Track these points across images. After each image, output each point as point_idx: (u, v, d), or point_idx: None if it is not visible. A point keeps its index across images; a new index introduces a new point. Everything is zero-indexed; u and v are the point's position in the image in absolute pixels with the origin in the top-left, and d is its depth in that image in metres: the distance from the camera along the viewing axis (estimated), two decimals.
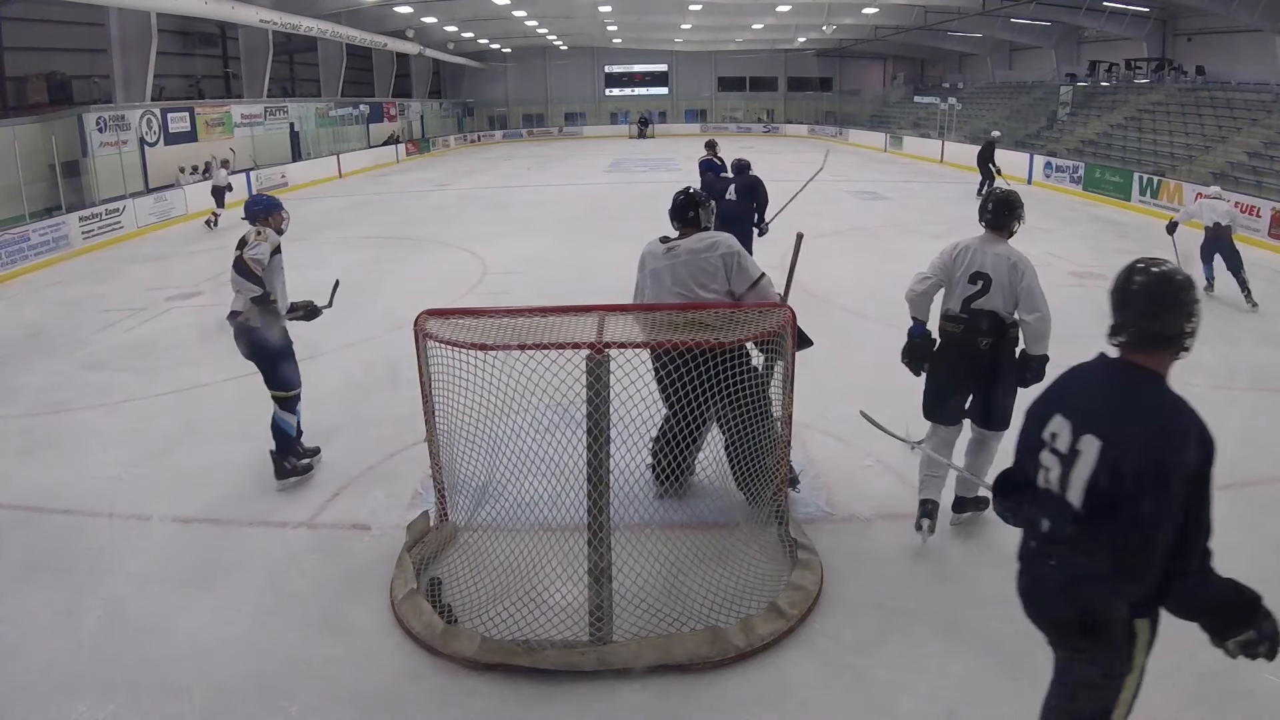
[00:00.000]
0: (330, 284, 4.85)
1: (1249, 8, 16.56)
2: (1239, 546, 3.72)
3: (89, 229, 12.48)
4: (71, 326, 8.05)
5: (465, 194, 18.10)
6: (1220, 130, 16.31)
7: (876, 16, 25.63)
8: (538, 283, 8.81)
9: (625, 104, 40.55)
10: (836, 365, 5.57)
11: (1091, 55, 24.08)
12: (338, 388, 5.90)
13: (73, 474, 4.66)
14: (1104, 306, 1.93)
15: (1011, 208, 3.70)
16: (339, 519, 4.13)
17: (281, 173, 19.66)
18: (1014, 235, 3.75)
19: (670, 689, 2.93)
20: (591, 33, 32.26)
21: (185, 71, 22.79)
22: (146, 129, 16.73)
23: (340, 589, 3.54)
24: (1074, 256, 10.24)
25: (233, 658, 3.11)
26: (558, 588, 3.22)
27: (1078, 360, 2.05)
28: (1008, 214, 3.69)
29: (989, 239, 3.70)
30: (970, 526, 3.96)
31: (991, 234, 3.71)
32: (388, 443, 4.86)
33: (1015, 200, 3.75)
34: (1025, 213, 3.79)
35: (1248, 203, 11.84)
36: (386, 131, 29.21)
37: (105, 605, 3.45)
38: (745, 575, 3.42)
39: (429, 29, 26.96)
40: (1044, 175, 17.82)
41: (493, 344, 3.15)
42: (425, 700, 2.91)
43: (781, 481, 3.69)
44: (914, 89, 34.57)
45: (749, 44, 35.82)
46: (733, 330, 3.28)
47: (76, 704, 2.89)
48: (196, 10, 16.59)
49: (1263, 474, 4.47)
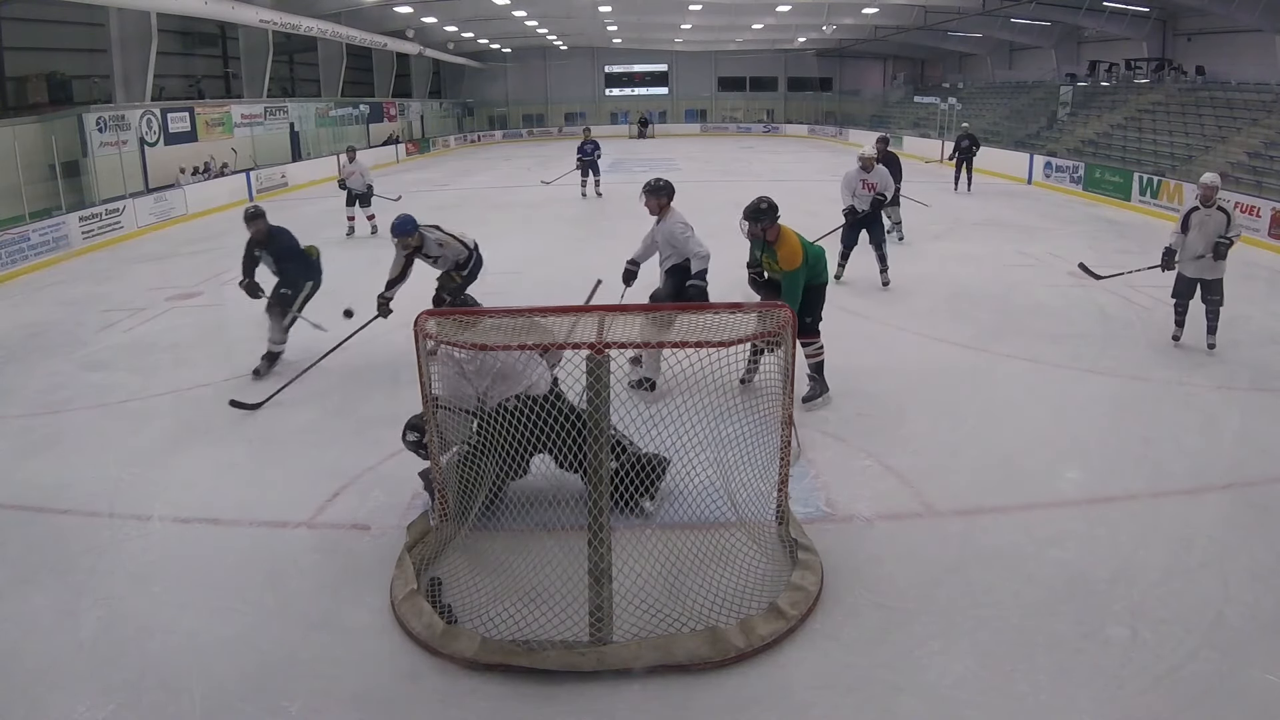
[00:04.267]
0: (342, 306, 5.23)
1: (1249, 8, 16.56)
2: (1239, 546, 3.75)
3: (89, 229, 12.47)
4: (71, 326, 8.04)
5: (465, 194, 18.09)
6: (1220, 130, 16.30)
7: (876, 16, 25.63)
8: (538, 283, 8.81)
9: (625, 104, 40.54)
10: (838, 366, 5.56)
11: (1091, 55, 24.07)
12: (338, 387, 5.90)
13: (73, 474, 4.65)
14: (1104, 307, 1.93)
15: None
16: (339, 519, 4.13)
17: (282, 173, 19.65)
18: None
19: (670, 689, 2.93)
20: (591, 33, 32.26)
21: (185, 71, 22.78)
22: (146, 129, 16.73)
23: (340, 589, 3.53)
24: (1074, 256, 10.21)
25: (233, 658, 3.11)
26: (558, 588, 3.21)
27: (1078, 360, 2.05)
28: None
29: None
30: (970, 526, 3.96)
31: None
32: (388, 443, 4.85)
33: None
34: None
35: (1248, 203, 11.83)
36: (386, 131, 29.21)
37: (105, 605, 3.44)
38: (745, 575, 3.43)
39: (429, 29, 26.96)
40: (1044, 175, 17.81)
41: (493, 344, 3.15)
42: (425, 700, 2.91)
43: (782, 482, 3.69)
44: (914, 89, 34.54)
45: (749, 44, 35.83)
46: (732, 331, 3.27)
47: (76, 704, 2.89)
48: (196, 10, 16.59)
49: (1263, 474, 4.47)
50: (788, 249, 4.99)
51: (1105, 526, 3.94)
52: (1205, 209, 6.27)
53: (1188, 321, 6.47)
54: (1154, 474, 4.47)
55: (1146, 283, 8.60)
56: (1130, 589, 3.43)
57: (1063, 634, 3.15)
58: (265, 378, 5.90)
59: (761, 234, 5.03)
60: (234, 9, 17.27)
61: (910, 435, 4.93)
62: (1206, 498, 4.25)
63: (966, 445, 4.85)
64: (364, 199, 12.34)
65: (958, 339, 6.77)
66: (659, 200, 5.54)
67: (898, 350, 6.51)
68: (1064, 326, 7.01)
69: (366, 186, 12.27)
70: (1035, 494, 4.27)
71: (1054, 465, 4.60)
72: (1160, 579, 3.50)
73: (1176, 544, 3.78)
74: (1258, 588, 3.43)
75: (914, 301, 7.89)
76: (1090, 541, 3.81)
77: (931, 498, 4.22)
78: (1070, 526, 3.95)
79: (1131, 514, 4.07)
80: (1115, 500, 4.20)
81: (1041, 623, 3.22)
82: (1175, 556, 3.69)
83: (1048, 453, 4.74)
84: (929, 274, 8.72)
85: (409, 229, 5.87)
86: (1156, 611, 3.26)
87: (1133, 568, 3.59)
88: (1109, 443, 4.87)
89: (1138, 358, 6.19)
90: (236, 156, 19.56)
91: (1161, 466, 4.56)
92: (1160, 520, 4.01)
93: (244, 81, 22.30)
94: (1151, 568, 3.59)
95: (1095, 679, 2.93)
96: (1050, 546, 3.76)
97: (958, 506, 4.14)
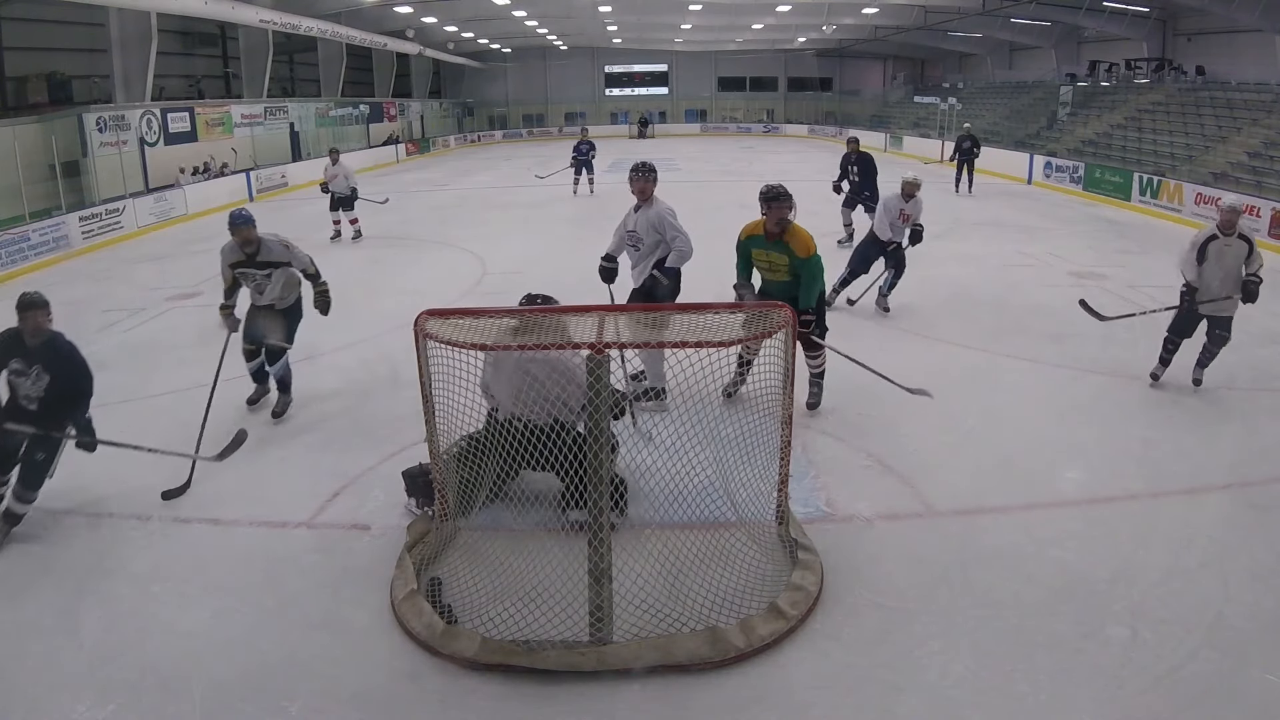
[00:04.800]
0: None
1: (1249, 8, 16.56)
2: (1239, 546, 3.75)
3: (89, 229, 12.47)
4: (71, 326, 7.99)
5: (465, 194, 18.09)
6: (1220, 130, 16.30)
7: (876, 16, 25.63)
8: (538, 283, 8.78)
9: (625, 104, 40.53)
10: (838, 365, 5.56)
11: (1091, 55, 24.08)
12: (338, 387, 5.90)
13: (73, 474, 4.65)
14: (1103, 307, 1.93)
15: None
16: (339, 519, 4.13)
17: (282, 173, 19.65)
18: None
19: (670, 689, 2.93)
20: (591, 33, 32.25)
21: (185, 71, 22.80)
22: (146, 129, 16.73)
23: (340, 589, 3.53)
24: (1074, 256, 10.24)
25: (233, 658, 3.11)
26: (558, 588, 3.21)
27: (1077, 359, 2.05)
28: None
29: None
30: (970, 526, 3.96)
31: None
32: (388, 443, 4.85)
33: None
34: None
35: (1248, 203, 11.83)
36: (386, 131, 29.20)
37: (105, 605, 3.45)
38: (745, 575, 3.43)
39: (429, 29, 26.96)
40: (1044, 175, 17.80)
41: (493, 344, 3.15)
42: (425, 700, 2.91)
43: (782, 482, 3.69)
44: (914, 89, 34.54)
45: (749, 44, 35.82)
46: (732, 331, 3.28)
47: (76, 704, 2.89)
48: (196, 10, 16.59)
49: (1263, 474, 4.47)
50: (800, 238, 4.87)
51: (1105, 527, 3.95)
52: (1225, 237, 5.37)
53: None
54: (1154, 474, 4.47)
55: (1146, 283, 8.62)
56: (1130, 589, 3.43)
57: (1063, 634, 3.16)
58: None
59: (777, 227, 4.83)
60: (234, 9, 17.27)
61: (910, 435, 4.93)
62: (1206, 498, 4.25)
63: (966, 445, 4.85)
64: (346, 202, 11.95)
65: (958, 339, 6.77)
66: (650, 183, 5.23)
67: (898, 350, 6.51)
68: (1064, 326, 7.00)
69: (350, 190, 11.86)
70: (1035, 494, 4.27)
71: (1054, 465, 4.60)
72: (1160, 579, 3.50)
73: (1176, 544, 3.78)
74: (1258, 588, 3.43)
75: (914, 301, 7.88)
76: (1090, 541, 3.81)
77: (931, 498, 4.23)
78: (1070, 526, 3.95)
79: (1131, 514, 4.07)
80: (1115, 500, 4.20)
81: (1041, 623, 3.23)
82: (1175, 556, 3.69)
83: (1048, 453, 4.74)
84: (929, 274, 8.71)
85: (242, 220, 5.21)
86: (1156, 611, 3.26)
87: (1133, 568, 3.59)
88: (1109, 443, 4.87)
89: (1138, 358, 6.19)
90: (236, 156, 19.57)
91: (1161, 466, 4.56)
92: (1160, 520, 4.01)
93: (244, 81, 22.30)
94: (1151, 568, 3.59)
95: (1095, 679, 2.93)
96: (1050, 546, 3.76)
97: (958, 506, 4.14)
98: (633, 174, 5.27)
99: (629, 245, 5.34)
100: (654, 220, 5.20)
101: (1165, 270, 9.62)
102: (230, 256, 5.29)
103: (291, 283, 5.44)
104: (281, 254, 5.29)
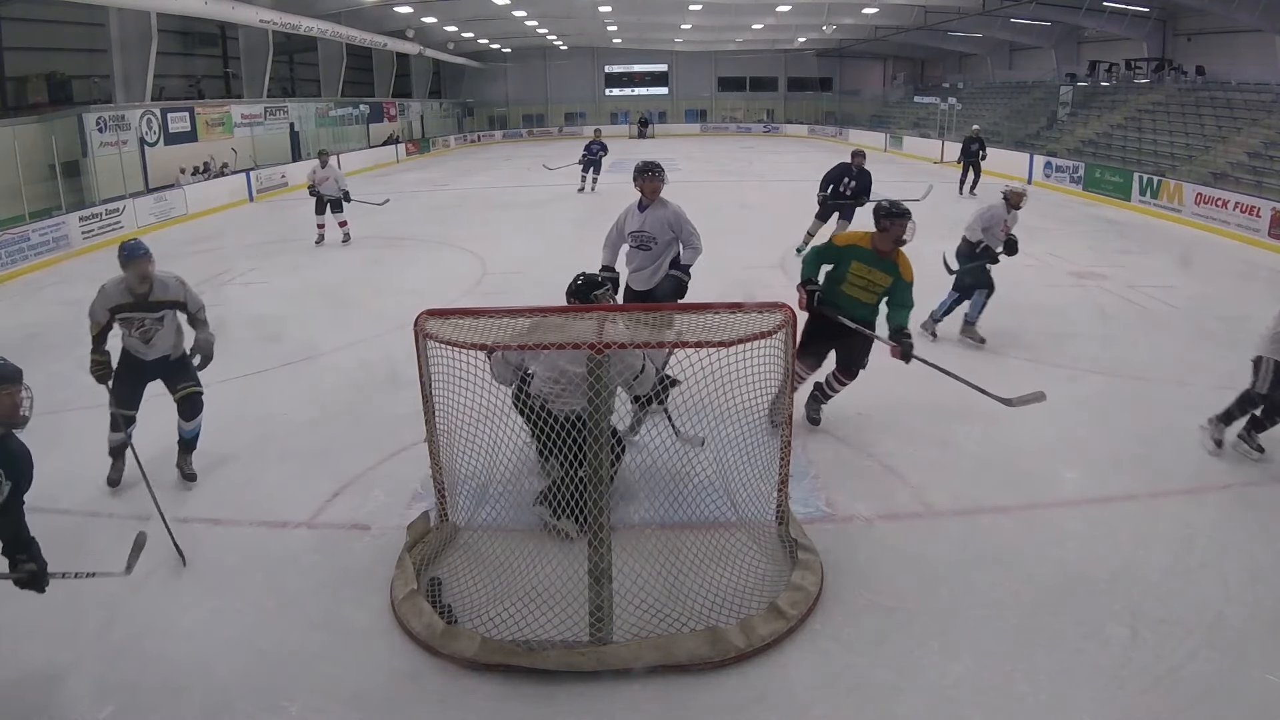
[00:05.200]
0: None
1: (1249, 8, 16.55)
2: (1239, 546, 3.75)
3: (89, 229, 12.46)
4: (71, 326, 8.02)
5: (465, 194, 18.09)
6: (1220, 130, 16.30)
7: (876, 16, 25.62)
8: (538, 283, 8.79)
9: (625, 104, 40.52)
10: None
11: (1091, 55, 24.07)
12: (338, 388, 5.91)
13: (73, 474, 4.65)
14: (1104, 307, 1.93)
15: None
16: (339, 519, 4.13)
17: (281, 173, 19.65)
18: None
19: (670, 689, 2.93)
20: (591, 33, 32.25)
21: (185, 71, 22.77)
22: (146, 129, 16.73)
23: (340, 589, 3.53)
24: (1074, 256, 10.24)
25: (233, 658, 3.11)
26: (558, 588, 3.21)
27: (1077, 359, 2.05)
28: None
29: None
30: (970, 526, 3.96)
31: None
32: (388, 443, 4.85)
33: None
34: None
35: (1248, 203, 11.84)
36: (386, 131, 29.19)
37: (105, 605, 3.44)
38: (745, 575, 3.43)
39: (429, 29, 26.95)
40: (1044, 175, 17.80)
41: (493, 344, 3.15)
42: (425, 700, 2.91)
43: (782, 482, 3.69)
44: (914, 89, 34.54)
45: (749, 44, 35.81)
46: (732, 331, 3.27)
47: (76, 704, 2.89)
48: (196, 10, 16.58)
49: (1263, 474, 4.47)
50: (906, 261, 4.66)
51: (1105, 527, 3.95)
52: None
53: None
54: (1154, 474, 4.46)
55: (1146, 283, 8.62)
56: (1130, 589, 3.43)
57: (1063, 634, 3.16)
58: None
59: (891, 246, 4.58)
60: (234, 9, 17.27)
61: (910, 435, 4.93)
62: (1206, 498, 4.25)
63: (966, 445, 4.85)
64: (335, 205, 11.71)
65: (957, 339, 6.77)
66: (661, 183, 5.11)
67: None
68: (1064, 326, 7.01)
69: (342, 192, 11.65)
70: (1035, 494, 4.27)
71: (1054, 465, 4.60)
72: (1160, 579, 3.50)
73: (1176, 544, 3.78)
74: (1258, 588, 3.43)
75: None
76: (1090, 541, 3.81)
77: (931, 498, 4.23)
78: (1070, 526, 3.95)
79: (1131, 514, 4.07)
80: (1115, 500, 4.20)
81: (1041, 623, 3.23)
82: (1175, 556, 3.69)
83: (1048, 453, 4.74)
84: (929, 274, 8.67)
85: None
86: (1156, 611, 3.26)
87: (1133, 568, 3.59)
88: (1109, 443, 4.87)
89: (1138, 358, 6.19)
90: (236, 156, 19.57)
91: (1161, 466, 4.56)
92: (1160, 520, 4.01)
93: (244, 81, 22.29)
94: (1151, 568, 3.59)
95: (1095, 679, 2.93)
96: (1050, 546, 3.76)
97: (958, 506, 4.14)
98: (644, 174, 5.15)
99: (635, 246, 5.23)
100: (670, 219, 5.12)
101: (1165, 270, 9.66)
102: (113, 299, 4.36)
103: (181, 328, 4.59)
104: (178, 290, 4.43)
